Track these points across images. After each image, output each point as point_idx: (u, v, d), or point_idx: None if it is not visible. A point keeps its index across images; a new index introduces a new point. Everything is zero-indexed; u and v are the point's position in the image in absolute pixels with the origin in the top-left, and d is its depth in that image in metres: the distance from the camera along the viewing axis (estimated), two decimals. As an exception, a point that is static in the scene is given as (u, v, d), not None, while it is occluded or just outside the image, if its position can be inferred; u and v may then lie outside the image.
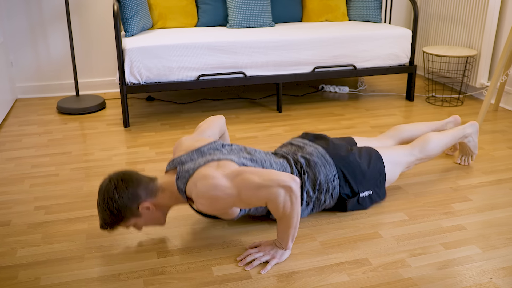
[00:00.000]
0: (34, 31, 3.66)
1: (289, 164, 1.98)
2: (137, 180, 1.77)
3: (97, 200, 1.77)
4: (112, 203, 1.72)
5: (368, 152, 2.11)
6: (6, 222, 2.03)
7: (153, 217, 1.82)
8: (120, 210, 1.73)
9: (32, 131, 3.08)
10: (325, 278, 1.67)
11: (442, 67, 3.92)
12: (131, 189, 1.74)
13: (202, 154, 1.85)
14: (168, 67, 3.07)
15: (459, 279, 1.66)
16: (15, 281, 1.66)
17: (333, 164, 2.00)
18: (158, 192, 1.80)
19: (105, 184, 1.76)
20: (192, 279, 1.67)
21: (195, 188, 1.70)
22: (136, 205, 1.76)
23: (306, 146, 2.09)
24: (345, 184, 2.01)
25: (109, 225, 1.77)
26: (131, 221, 1.79)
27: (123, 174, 1.78)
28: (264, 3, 3.57)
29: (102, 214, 1.75)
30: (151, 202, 1.79)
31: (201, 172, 1.72)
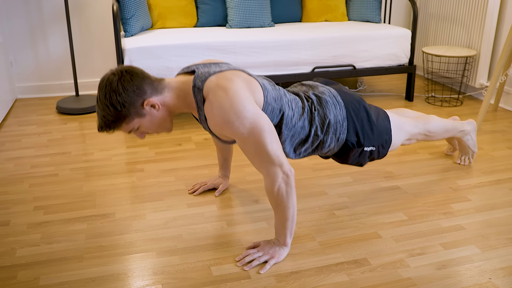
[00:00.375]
0: (33, 31, 3.66)
1: (300, 99, 1.89)
2: (142, 74, 1.64)
3: (97, 96, 1.62)
4: (115, 95, 1.57)
5: (377, 109, 2.07)
6: (6, 222, 2.03)
7: (159, 118, 1.69)
8: (124, 105, 1.59)
9: (31, 131, 3.08)
10: (324, 278, 1.67)
11: (442, 67, 3.93)
12: (137, 82, 1.61)
13: (220, 66, 1.74)
14: (168, 67, 3.07)
15: (458, 279, 1.66)
16: (14, 281, 1.66)
17: (343, 107, 1.91)
18: (165, 90, 1.67)
19: (107, 76, 1.61)
20: (191, 279, 1.67)
21: (214, 95, 1.58)
22: (141, 101, 1.62)
23: (318, 86, 2.00)
24: (353, 130, 1.93)
25: (110, 124, 1.63)
26: (134, 121, 1.66)
27: (128, 67, 1.64)
28: (263, 3, 3.58)
29: (103, 111, 1.60)
30: (158, 99, 1.67)
31: (227, 75, 1.60)
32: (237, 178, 2.41)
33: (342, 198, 2.22)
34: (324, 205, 2.16)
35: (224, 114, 1.59)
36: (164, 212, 2.10)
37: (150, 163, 2.60)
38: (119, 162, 2.61)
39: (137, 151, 2.75)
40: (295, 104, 1.85)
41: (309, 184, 2.35)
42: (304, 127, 1.85)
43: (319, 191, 2.28)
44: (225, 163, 2.28)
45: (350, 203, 2.17)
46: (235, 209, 2.12)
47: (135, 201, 2.20)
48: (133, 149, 2.79)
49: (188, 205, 2.16)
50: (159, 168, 2.53)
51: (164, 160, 2.64)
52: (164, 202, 2.18)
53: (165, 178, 2.42)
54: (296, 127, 1.84)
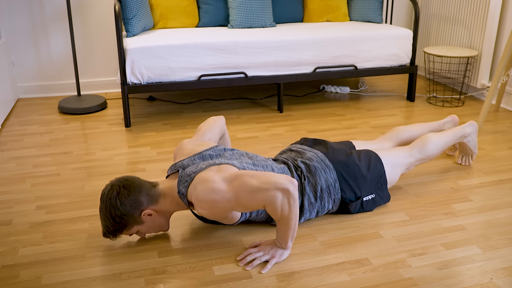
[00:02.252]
0: (35, 31, 3.66)
1: (289, 169, 1.98)
2: (139, 187, 1.77)
3: (99, 207, 1.78)
4: (114, 210, 1.73)
5: (367, 155, 2.11)
6: (8, 222, 2.04)
7: (156, 223, 1.83)
8: (123, 218, 1.74)
9: (33, 131, 3.09)
10: (326, 278, 1.67)
11: (443, 67, 3.92)
12: (134, 196, 1.75)
13: (204, 158, 1.86)
14: (169, 67, 3.08)
15: (460, 279, 1.66)
16: (17, 280, 1.67)
17: (333, 168, 2.00)
18: (159, 198, 1.80)
19: (107, 191, 1.76)
20: (193, 278, 1.67)
21: (195, 191, 1.70)
22: (138, 212, 1.77)
23: (306, 151, 2.08)
24: (347, 188, 2.01)
25: (112, 233, 1.77)
26: (134, 228, 1.80)
27: (125, 180, 1.78)
28: (265, 3, 3.58)
29: (105, 221, 1.76)
30: (153, 208, 1.80)
31: (201, 175, 1.72)
32: (239, 178, 2.42)
33: (344, 198, 2.22)
34: (325, 205, 2.16)
35: (206, 201, 1.69)
36: (166, 211, 2.10)
37: (152, 162, 2.60)
38: (121, 161, 2.62)
39: (139, 151, 2.76)
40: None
41: (311, 184, 2.35)
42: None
43: (321, 191, 2.28)
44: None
45: (351, 203, 2.17)
46: (236, 209, 2.12)
47: (137, 200, 2.20)
48: (135, 148, 2.79)
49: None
50: (161, 168, 2.54)
51: (166, 159, 2.64)
52: (165, 202, 2.19)
53: (166, 177, 2.42)
54: None
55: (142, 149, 2.78)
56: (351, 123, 3.19)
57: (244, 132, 3.04)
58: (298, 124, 3.18)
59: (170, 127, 3.14)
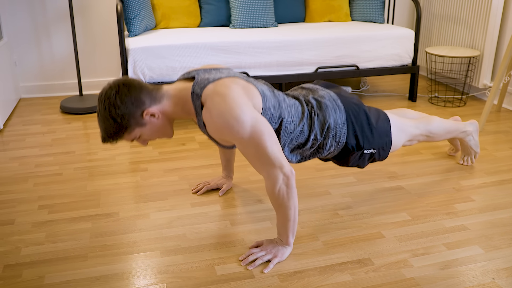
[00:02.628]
0: (37, 31, 3.67)
1: (300, 104, 1.90)
2: (139, 85, 1.67)
3: (97, 109, 1.66)
4: (114, 109, 1.61)
5: (377, 112, 2.07)
6: (10, 221, 2.04)
7: (159, 126, 1.73)
8: (124, 117, 1.63)
9: (35, 131, 3.09)
10: (328, 277, 1.68)
11: (445, 67, 3.92)
12: (134, 94, 1.64)
13: (221, 71, 1.76)
14: (171, 67, 3.08)
15: (462, 279, 1.66)
16: (19, 279, 1.67)
17: (343, 110, 1.93)
18: (163, 98, 1.70)
19: (105, 91, 1.64)
20: (195, 278, 1.68)
21: (211, 101, 1.59)
22: (140, 112, 1.66)
23: (318, 90, 2.00)
24: (352, 134, 1.94)
25: (112, 136, 1.67)
26: (136, 131, 1.70)
27: (125, 79, 1.67)
28: (267, 3, 3.58)
29: (104, 123, 1.64)
30: (157, 108, 1.70)
31: (225, 82, 1.61)
32: (241, 178, 2.42)
33: (346, 198, 2.22)
34: (327, 205, 2.16)
35: (223, 120, 1.60)
36: (168, 211, 2.11)
37: (154, 162, 2.61)
38: (123, 161, 2.62)
39: (141, 151, 2.76)
40: (294, 110, 1.86)
41: (313, 184, 2.35)
42: (303, 131, 1.87)
43: (323, 191, 2.29)
44: (228, 164, 2.29)
45: (353, 203, 2.18)
46: (238, 209, 2.13)
47: (139, 200, 2.21)
48: (137, 148, 2.80)
49: (192, 204, 2.17)
50: (163, 168, 2.54)
51: (168, 159, 2.64)
52: (168, 202, 2.19)
53: (168, 177, 2.43)
54: (295, 132, 1.85)
55: (144, 149, 2.79)
56: (353, 123, 3.19)
57: (246, 132, 3.04)
58: (300, 124, 3.18)
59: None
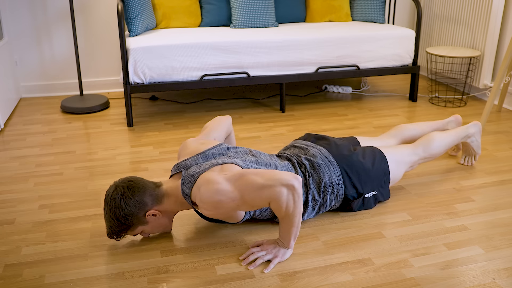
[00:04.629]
0: (38, 30, 3.67)
1: (293, 166, 1.98)
2: (143, 187, 1.78)
3: (104, 208, 1.78)
4: (119, 211, 1.73)
5: (372, 152, 2.11)
6: (11, 221, 2.04)
7: (160, 223, 1.84)
8: (127, 218, 1.75)
9: (36, 130, 3.09)
10: (328, 277, 1.68)
11: (446, 67, 3.92)
12: (138, 197, 1.75)
13: (207, 157, 1.86)
14: (172, 67, 3.08)
15: (462, 279, 1.66)
16: (20, 279, 1.67)
17: (336, 165, 2.00)
18: (163, 198, 1.81)
19: (111, 192, 1.76)
20: (195, 278, 1.68)
21: (199, 193, 1.70)
22: (143, 213, 1.77)
23: (309, 147, 2.09)
24: (350, 184, 2.01)
25: (117, 233, 1.78)
26: (138, 228, 1.81)
27: (129, 181, 1.78)
28: (267, 3, 3.58)
29: (109, 222, 1.76)
30: (157, 208, 1.80)
31: (204, 176, 1.73)
32: (241, 178, 2.42)
33: (346, 198, 2.22)
34: (327, 205, 2.16)
35: (212, 203, 1.69)
36: (169, 211, 2.11)
37: (154, 162, 2.61)
38: (124, 161, 2.62)
39: (142, 151, 2.76)
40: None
41: (313, 184, 2.35)
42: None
43: (323, 191, 2.28)
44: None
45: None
46: (239, 209, 2.13)
47: (140, 200, 2.20)
48: (137, 148, 2.80)
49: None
50: (164, 167, 2.54)
51: (169, 159, 2.64)
52: (168, 201, 2.19)
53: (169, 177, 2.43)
54: None
55: (145, 149, 2.79)
56: (353, 123, 3.19)
57: (247, 132, 3.04)
58: (300, 124, 3.18)
59: (173, 127, 3.14)
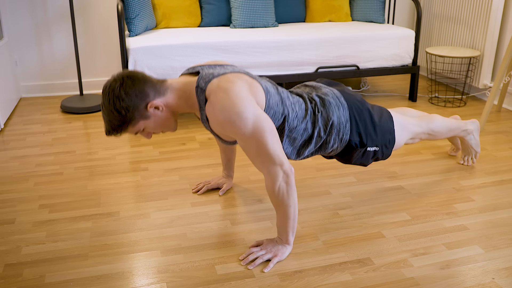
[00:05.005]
0: (38, 30, 3.67)
1: (304, 101, 1.91)
2: (144, 78, 1.68)
3: (101, 102, 1.67)
4: (119, 101, 1.63)
5: (380, 109, 2.08)
6: (11, 220, 2.04)
7: (163, 119, 1.74)
8: (128, 109, 1.64)
9: (36, 130, 3.10)
10: (328, 277, 1.68)
11: (445, 67, 3.93)
12: (139, 86, 1.65)
13: (225, 67, 1.77)
14: (172, 67, 3.08)
15: (461, 279, 1.66)
16: (20, 278, 1.68)
17: (347, 108, 1.94)
18: (167, 91, 1.71)
19: (110, 83, 1.65)
20: (195, 277, 1.68)
21: (215, 97, 1.61)
22: (144, 104, 1.67)
23: (321, 87, 2.02)
24: (356, 131, 1.95)
25: (116, 128, 1.68)
26: (140, 124, 1.71)
27: (129, 72, 1.69)
28: (267, 3, 3.58)
29: (108, 116, 1.66)
30: (161, 101, 1.71)
31: (230, 77, 1.62)
32: (241, 178, 2.42)
33: (346, 198, 2.23)
34: (327, 204, 2.17)
35: (225, 114, 1.61)
36: (169, 211, 2.11)
37: (154, 162, 2.61)
38: (124, 161, 2.63)
39: (141, 150, 2.76)
40: (298, 107, 1.87)
41: (313, 184, 2.36)
42: (307, 129, 1.87)
43: (323, 191, 2.29)
44: (228, 163, 2.29)
45: (353, 203, 2.18)
46: (239, 208, 2.13)
47: (140, 200, 2.21)
48: (137, 148, 2.80)
49: (192, 204, 2.17)
50: (163, 167, 2.54)
51: (168, 159, 2.65)
52: (168, 201, 2.19)
53: (169, 177, 2.43)
54: (299, 129, 1.85)
55: (145, 149, 2.79)
56: (353, 123, 3.19)
57: (246, 132, 3.04)
58: (300, 124, 3.18)
59: (173, 127, 3.14)
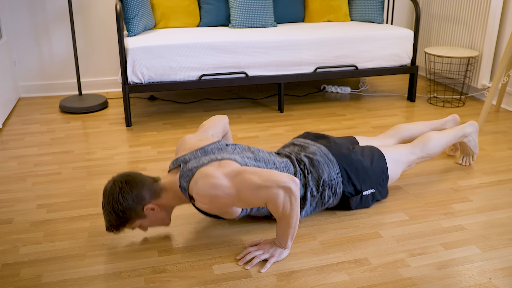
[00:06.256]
0: (37, 30, 3.67)
1: (292, 163, 1.98)
2: (141, 182, 1.79)
3: (102, 202, 1.79)
4: (117, 205, 1.74)
5: (371, 151, 2.12)
6: (9, 220, 2.04)
7: (158, 217, 1.84)
8: (126, 212, 1.76)
9: (34, 130, 3.10)
10: (325, 277, 1.68)
11: (444, 68, 3.93)
12: (136, 191, 1.76)
13: (206, 153, 1.86)
14: (170, 67, 3.08)
15: (458, 279, 1.67)
16: (17, 278, 1.68)
17: (336, 163, 2.01)
18: (161, 192, 1.82)
19: (109, 187, 1.78)
20: (192, 277, 1.68)
21: (196, 186, 1.71)
22: (141, 207, 1.78)
23: (309, 145, 2.09)
24: (348, 182, 2.02)
25: (115, 227, 1.79)
26: (137, 222, 1.81)
27: (127, 176, 1.79)
28: (266, 3, 3.58)
29: (108, 216, 1.77)
30: (155, 203, 1.81)
31: (202, 171, 1.73)
32: (239, 178, 2.42)
33: (344, 198, 2.22)
34: (325, 204, 2.17)
35: (208, 197, 1.70)
36: (166, 211, 2.11)
37: (152, 162, 2.61)
38: (122, 161, 2.63)
39: (140, 150, 2.76)
40: (286, 171, 1.93)
41: (311, 184, 2.36)
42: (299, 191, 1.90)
43: (321, 191, 2.29)
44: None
45: (351, 203, 2.18)
46: (236, 208, 2.13)
47: (137, 199, 2.21)
48: (135, 148, 2.80)
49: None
50: (162, 167, 2.54)
51: (167, 159, 2.65)
52: (166, 201, 2.19)
53: (167, 177, 2.43)
54: None
55: (143, 149, 2.79)
56: (352, 123, 3.20)
57: (245, 132, 3.05)
58: (299, 124, 3.19)
59: (171, 127, 3.14)
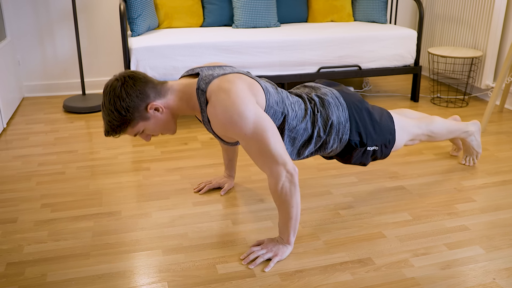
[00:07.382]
0: (41, 30, 3.68)
1: (303, 101, 1.90)
2: (145, 79, 1.68)
3: (102, 101, 1.66)
4: (119, 101, 1.62)
5: (381, 110, 2.09)
6: (13, 219, 2.05)
7: (163, 121, 1.74)
8: (128, 109, 1.63)
9: (38, 130, 3.11)
10: (329, 277, 1.68)
11: (447, 68, 3.92)
12: (140, 87, 1.65)
13: (224, 68, 1.76)
14: (174, 67, 3.09)
15: (462, 279, 1.67)
16: (22, 277, 1.68)
17: (346, 107, 1.93)
18: (168, 93, 1.71)
19: (111, 83, 1.65)
20: (196, 277, 1.68)
21: (217, 91, 1.60)
22: (144, 105, 1.67)
23: (321, 87, 2.02)
24: (356, 131, 1.95)
25: (115, 129, 1.67)
26: (139, 125, 1.71)
27: (130, 72, 1.68)
28: (269, 3, 3.59)
29: (108, 116, 1.65)
30: (161, 103, 1.71)
31: (230, 78, 1.62)
32: (243, 178, 2.43)
33: (347, 197, 2.23)
34: (328, 204, 2.17)
35: (227, 115, 1.61)
36: (170, 210, 2.12)
37: (156, 161, 2.62)
38: (125, 160, 2.63)
39: (143, 150, 2.77)
40: (297, 106, 1.87)
41: (314, 184, 2.36)
42: (307, 128, 1.87)
43: (324, 191, 2.29)
44: (230, 163, 2.30)
45: (354, 203, 2.18)
46: (240, 208, 2.14)
47: (141, 199, 2.21)
48: (139, 147, 2.81)
49: (194, 203, 2.18)
50: (165, 167, 2.55)
51: (170, 159, 2.65)
52: (169, 201, 2.20)
53: (171, 176, 2.44)
54: (298, 129, 1.85)
55: (146, 148, 2.80)
56: (355, 123, 3.19)
57: (248, 132, 3.04)
58: (302, 124, 3.19)
59: (174, 127, 3.15)
